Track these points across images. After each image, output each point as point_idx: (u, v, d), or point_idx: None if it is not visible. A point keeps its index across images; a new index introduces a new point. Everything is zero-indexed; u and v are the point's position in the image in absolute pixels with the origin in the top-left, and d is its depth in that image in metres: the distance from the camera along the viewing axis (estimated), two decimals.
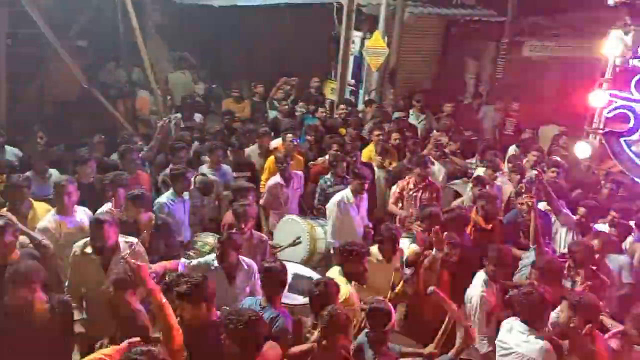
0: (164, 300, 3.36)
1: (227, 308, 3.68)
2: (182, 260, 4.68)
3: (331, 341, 3.38)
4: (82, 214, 5.09)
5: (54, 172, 6.24)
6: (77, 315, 4.13)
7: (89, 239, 4.36)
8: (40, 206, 5.21)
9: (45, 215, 4.97)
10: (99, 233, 4.25)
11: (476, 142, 8.27)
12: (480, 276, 4.55)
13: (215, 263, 4.41)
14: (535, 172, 5.63)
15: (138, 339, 3.16)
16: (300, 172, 6.72)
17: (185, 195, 5.87)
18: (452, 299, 4.07)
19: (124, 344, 3.14)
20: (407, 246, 5.28)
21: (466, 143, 7.95)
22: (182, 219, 5.71)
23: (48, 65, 8.98)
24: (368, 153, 7.39)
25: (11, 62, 8.16)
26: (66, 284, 4.49)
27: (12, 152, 6.76)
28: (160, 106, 8.77)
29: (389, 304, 3.86)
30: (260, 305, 3.91)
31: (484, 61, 11.13)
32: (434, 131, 8.24)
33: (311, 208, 6.71)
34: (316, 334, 3.45)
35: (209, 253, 4.95)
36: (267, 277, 3.96)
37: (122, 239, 4.45)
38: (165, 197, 5.69)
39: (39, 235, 4.60)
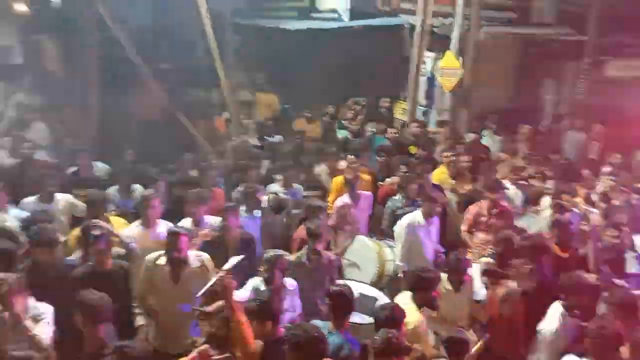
0: (244, 318, 3.49)
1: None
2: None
3: None
4: (164, 228, 5.35)
5: (138, 188, 6.57)
6: (141, 321, 4.36)
7: (162, 252, 4.57)
8: (116, 221, 5.50)
9: (121, 230, 5.24)
10: (175, 244, 4.45)
11: (560, 165, 7.92)
12: (556, 308, 4.36)
13: (262, 286, 4.48)
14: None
15: (207, 347, 3.27)
16: (368, 193, 6.72)
17: (257, 212, 6.04)
18: (526, 331, 3.92)
19: (194, 353, 3.27)
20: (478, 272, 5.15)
21: (553, 167, 7.64)
22: (254, 235, 5.87)
23: (134, 86, 9.56)
24: (439, 175, 7.26)
25: (101, 84, 8.75)
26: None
27: (101, 168, 7.18)
28: (236, 127, 9.08)
29: (465, 333, 3.77)
30: (328, 330, 3.89)
31: (564, 82, 10.73)
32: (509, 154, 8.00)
33: (379, 229, 6.70)
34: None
35: None
36: (336, 301, 3.97)
37: (192, 254, 4.62)
38: None
39: (128, 239, 4.94)
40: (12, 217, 5.39)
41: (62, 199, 5.93)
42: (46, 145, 7.98)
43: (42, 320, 3.75)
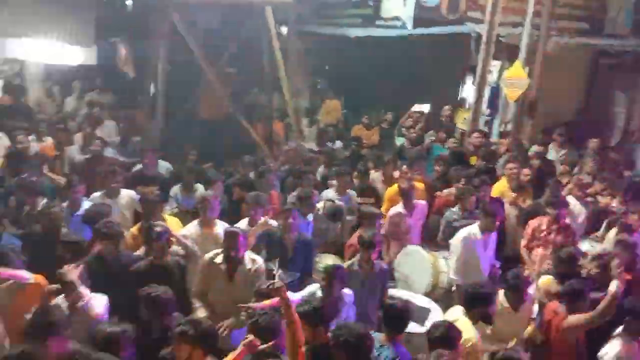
0: (297, 317, 3.54)
1: None
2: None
3: None
4: (221, 228, 5.49)
5: (199, 187, 6.76)
6: (201, 313, 4.48)
7: (219, 250, 4.73)
8: (171, 219, 5.67)
9: (175, 229, 5.38)
10: (233, 243, 4.58)
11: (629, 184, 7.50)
12: (619, 333, 4.14)
13: (319, 293, 4.46)
14: None
15: (253, 338, 3.34)
16: (423, 202, 6.63)
17: (309, 216, 6.09)
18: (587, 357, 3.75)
19: (240, 347, 3.34)
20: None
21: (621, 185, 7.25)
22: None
23: (199, 89, 9.86)
24: (500, 188, 7.04)
25: (169, 85, 9.08)
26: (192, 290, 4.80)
27: (164, 167, 7.44)
28: (295, 131, 9.19)
29: (522, 353, 3.62)
30: (379, 342, 3.87)
31: (636, 95, 10.19)
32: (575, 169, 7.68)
33: (433, 239, 6.59)
34: None
35: None
36: (389, 315, 3.95)
37: (247, 255, 4.75)
38: None
39: (189, 242, 5.09)
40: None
41: (126, 195, 6.19)
42: (114, 142, 8.35)
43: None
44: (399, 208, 6.36)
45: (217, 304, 4.66)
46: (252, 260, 4.75)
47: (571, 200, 6.62)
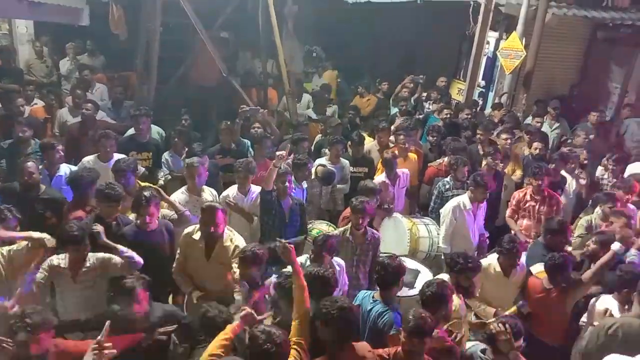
0: (304, 281, 3.58)
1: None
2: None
3: (418, 346, 3.30)
4: (209, 195, 5.49)
5: None
6: (195, 295, 4.47)
7: (198, 226, 4.58)
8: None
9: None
10: (211, 218, 4.43)
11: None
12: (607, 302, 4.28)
13: (307, 263, 4.48)
14: None
15: (249, 312, 3.38)
16: (406, 170, 6.70)
17: (304, 184, 6.12)
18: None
19: (237, 321, 3.37)
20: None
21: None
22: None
23: (192, 52, 9.71)
24: None
25: (161, 48, 8.94)
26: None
27: (156, 131, 7.34)
28: (289, 99, 9.11)
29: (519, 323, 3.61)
30: (372, 298, 4.02)
31: (633, 69, 10.16)
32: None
33: (423, 208, 6.64)
34: (402, 337, 3.38)
35: None
36: (382, 273, 4.02)
37: (227, 232, 4.59)
38: None
39: (181, 206, 5.10)
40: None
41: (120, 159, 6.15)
42: (106, 106, 8.26)
43: None
44: (382, 177, 6.43)
45: (194, 280, 4.58)
46: (231, 238, 4.61)
47: (563, 173, 6.69)
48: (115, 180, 5.13)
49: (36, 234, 4.17)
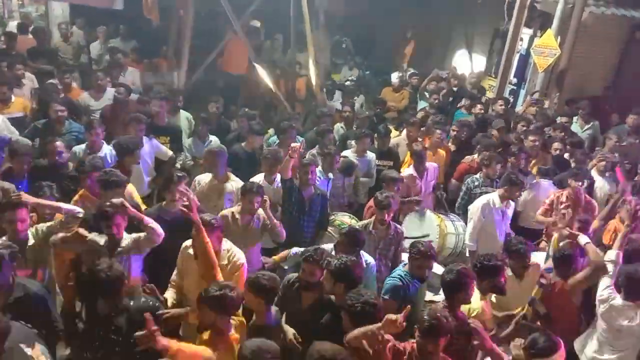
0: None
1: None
2: (295, 249, 4.73)
3: (432, 346, 3.17)
4: (233, 185, 5.49)
5: (214, 139, 6.80)
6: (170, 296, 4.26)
7: None
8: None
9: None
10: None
11: None
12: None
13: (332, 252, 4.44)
14: None
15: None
16: (435, 164, 6.65)
17: (330, 175, 6.12)
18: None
19: None
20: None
21: None
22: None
23: (223, 40, 9.76)
24: None
25: (192, 36, 9.00)
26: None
27: (185, 116, 7.43)
28: (318, 90, 9.10)
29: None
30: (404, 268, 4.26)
31: None
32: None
33: (450, 204, 6.59)
34: (416, 337, 3.23)
35: None
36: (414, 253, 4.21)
37: (225, 247, 4.24)
38: None
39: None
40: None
41: (148, 142, 6.24)
42: (137, 90, 8.35)
43: None
44: (410, 170, 6.39)
45: (191, 294, 4.07)
46: (229, 253, 4.20)
47: (594, 175, 6.56)
48: None
49: (68, 206, 4.24)
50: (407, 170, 6.43)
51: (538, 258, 5.20)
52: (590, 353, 4.33)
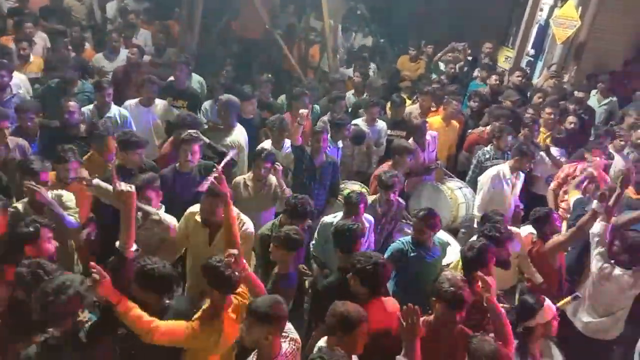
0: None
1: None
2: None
3: (450, 317, 3.24)
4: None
5: None
6: None
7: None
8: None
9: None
10: (211, 205, 3.91)
11: None
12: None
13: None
14: None
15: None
16: (434, 133, 6.55)
17: (339, 143, 6.08)
18: None
19: None
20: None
21: None
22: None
23: (237, 4, 9.63)
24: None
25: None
26: None
27: (197, 80, 7.37)
28: (330, 57, 8.98)
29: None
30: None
31: None
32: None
33: (460, 176, 6.56)
34: (436, 306, 3.28)
35: None
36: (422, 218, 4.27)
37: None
38: None
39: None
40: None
41: (160, 104, 6.25)
42: (149, 51, 8.29)
43: None
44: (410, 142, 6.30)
45: (195, 264, 4.05)
46: (237, 221, 3.89)
47: (610, 151, 6.46)
48: None
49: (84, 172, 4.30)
50: (411, 141, 6.35)
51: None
52: (584, 318, 4.39)
